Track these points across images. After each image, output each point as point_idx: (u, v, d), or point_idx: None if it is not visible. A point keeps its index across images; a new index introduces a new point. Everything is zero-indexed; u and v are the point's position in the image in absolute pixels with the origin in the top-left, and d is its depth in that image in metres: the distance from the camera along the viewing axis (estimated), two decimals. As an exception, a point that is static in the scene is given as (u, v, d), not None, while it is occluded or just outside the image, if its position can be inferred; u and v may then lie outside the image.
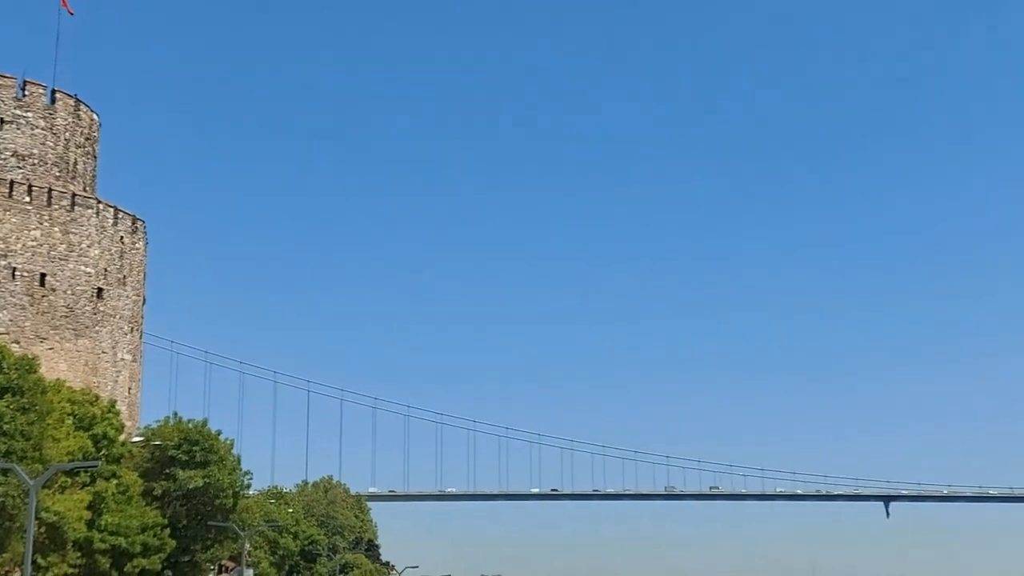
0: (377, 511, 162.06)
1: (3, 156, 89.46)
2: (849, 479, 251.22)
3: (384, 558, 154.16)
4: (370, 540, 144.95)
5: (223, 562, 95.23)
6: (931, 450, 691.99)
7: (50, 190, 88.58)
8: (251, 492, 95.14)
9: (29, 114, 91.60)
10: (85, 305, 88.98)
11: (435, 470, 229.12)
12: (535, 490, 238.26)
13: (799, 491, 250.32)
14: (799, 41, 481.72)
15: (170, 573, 75.34)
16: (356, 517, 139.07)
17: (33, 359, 62.35)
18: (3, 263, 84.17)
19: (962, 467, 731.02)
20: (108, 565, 66.60)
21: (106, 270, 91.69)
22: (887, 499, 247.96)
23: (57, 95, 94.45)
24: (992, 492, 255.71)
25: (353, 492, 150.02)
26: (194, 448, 76.04)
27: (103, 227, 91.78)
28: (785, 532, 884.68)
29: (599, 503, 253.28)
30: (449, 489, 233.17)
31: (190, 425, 78.37)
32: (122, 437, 73.21)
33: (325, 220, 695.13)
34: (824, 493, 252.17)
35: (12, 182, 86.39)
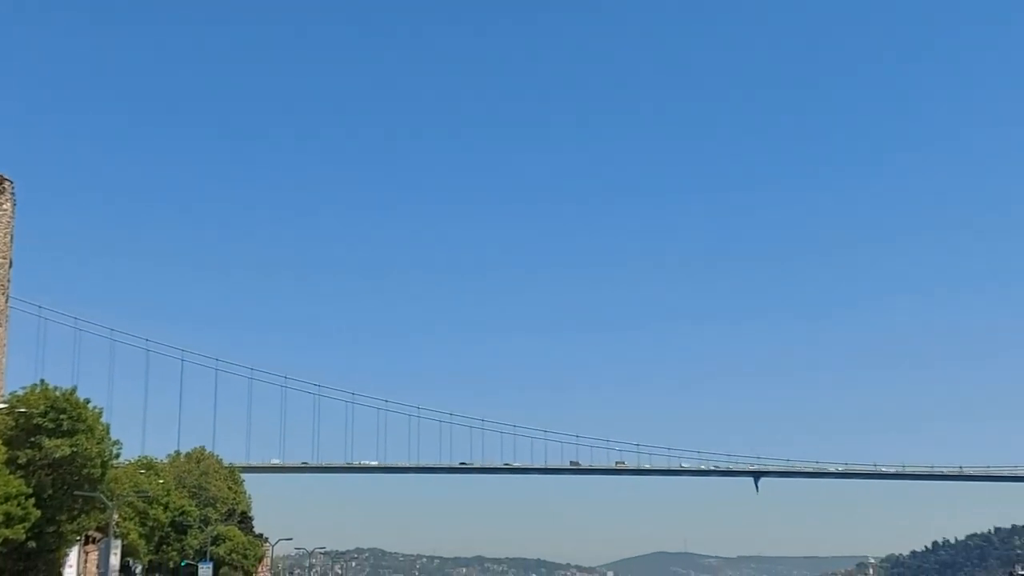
0: (252, 483, 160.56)
1: None
2: (722, 455, 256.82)
3: (258, 530, 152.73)
4: (243, 512, 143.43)
5: (90, 533, 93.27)
6: (799, 428, 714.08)
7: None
8: (120, 462, 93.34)
9: None
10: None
11: (312, 443, 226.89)
12: (426, 463, 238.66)
13: (673, 467, 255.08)
14: None
15: (34, 544, 73.46)
16: (229, 488, 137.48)
17: None
18: None
19: (829, 444, 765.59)
20: (-32, 534, 64.72)
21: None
22: (757, 475, 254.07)
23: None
24: (857, 469, 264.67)
25: (227, 463, 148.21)
26: (61, 416, 74.29)
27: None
28: (662, 505, 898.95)
29: (507, 476, 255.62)
30: (363, 461, 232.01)
31: (57, 393, 76.50)
32: (-16, 404, 71.02)
33: (199, 188, 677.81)
34: (697, 469, 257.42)
35: None
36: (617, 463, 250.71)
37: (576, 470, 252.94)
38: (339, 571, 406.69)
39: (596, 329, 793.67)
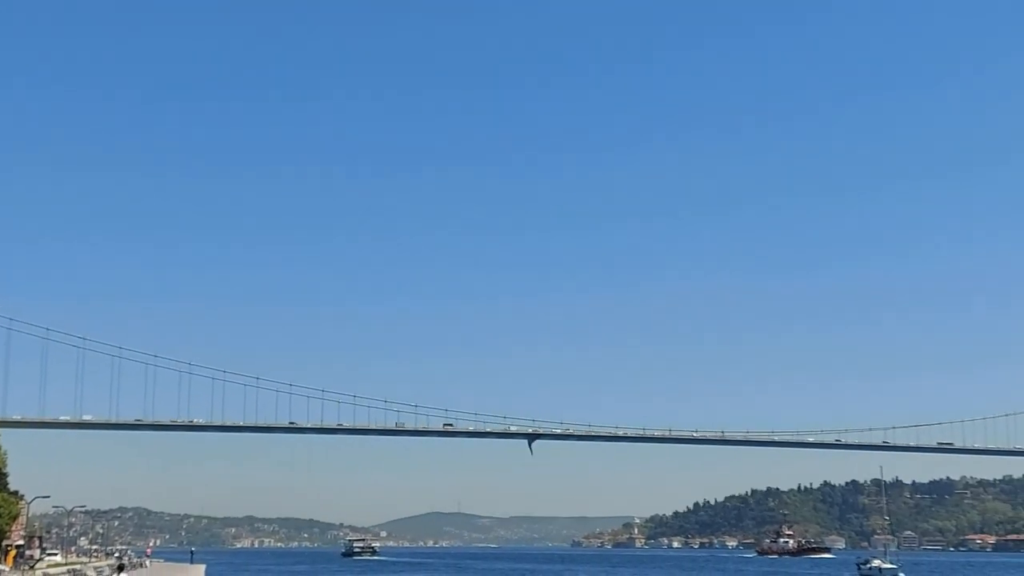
0: (8, 438, 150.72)
1: None
2: (498, 417, 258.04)
3: (13, 487, 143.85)
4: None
5: None
6: (573, 391, 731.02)
7: None
8: None
9: None
10: None
11: (75, 398, 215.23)
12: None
13: (450, 428, 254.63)
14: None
15: None
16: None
17: None
18: None
19: (600, 408, 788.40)
20: None
21: None
22: (531, 437, 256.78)
23: None
24: (626, 432, 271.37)
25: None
26: None
27: None
28: (437, 467, 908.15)
29: (282, 435, 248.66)
30: (129, 418, 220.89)
31: None
32: None
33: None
34: (473, 430, 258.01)
35: None
36: (397, 424, 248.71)
37: (351, 430, 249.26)
38: (100, 531, 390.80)
39: (375, 292, 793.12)
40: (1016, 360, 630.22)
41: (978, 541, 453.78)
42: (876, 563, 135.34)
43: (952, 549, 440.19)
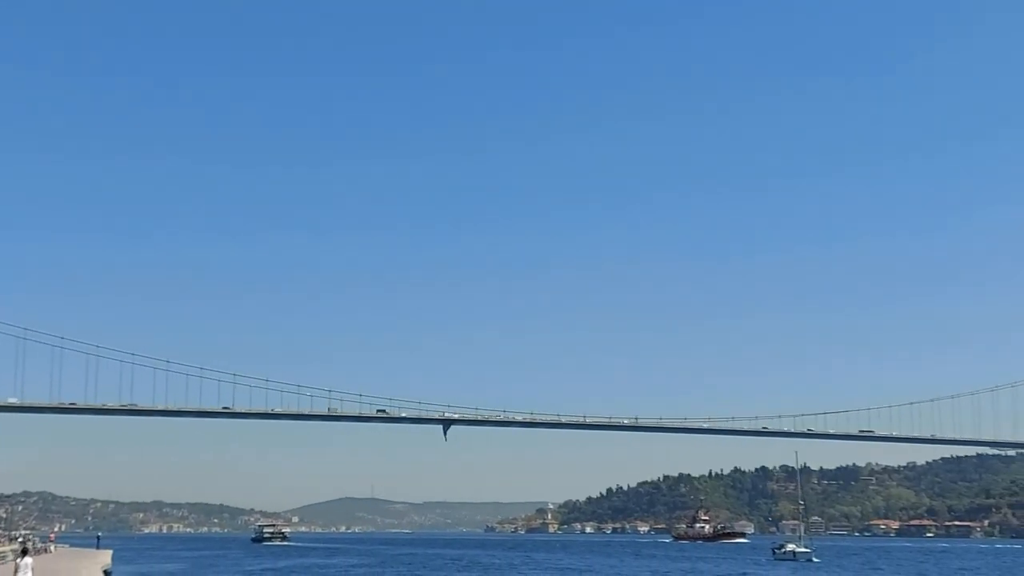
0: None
1: None
2: (412, 402, 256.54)
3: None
4: None
5: None
6: (488, 377, 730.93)
7: None
8: None
9: None
10: None
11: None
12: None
13: (364, 412, 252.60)
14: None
15: None
16: None
17: None
18: None
19: (515, 395, 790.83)
20: None
21: None
22: (446, 422, 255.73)
23: None
24: (541, 418, 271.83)
25: None
26: None
27: None
28: (350, 452, 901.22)
29: (192, 420, 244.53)
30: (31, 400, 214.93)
31: None
32: None
33: None
34: (387, 415, 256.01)
35: None
36: (332, 409, 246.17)
37: (263, 414, 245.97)
38: (3, 515, 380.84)
39: (286, 277, 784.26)
40: (929, 347, 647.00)
41: (882, 526, 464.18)
42: (791, 547, 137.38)
43: (857, 534, 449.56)
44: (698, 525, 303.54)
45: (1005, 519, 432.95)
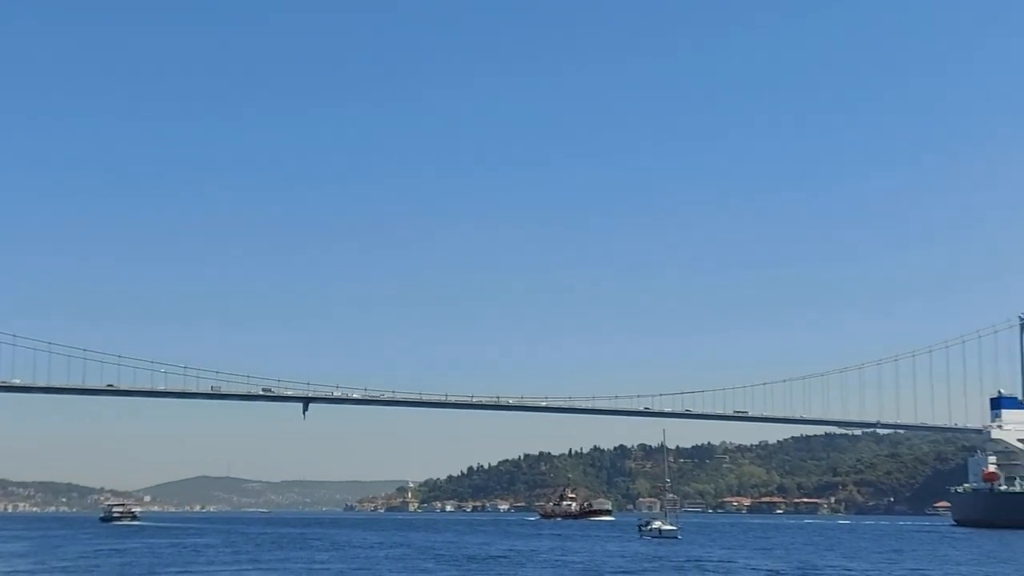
0: None
1: None
2: (271, 380, 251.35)
3: None
4: None
5: None
6: (349, 355, 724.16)
7: None
8: None
9: None
10: None
11: None
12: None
13: (224, 390, 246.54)
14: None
15: None
16: None
17: None
18: None
19: (376, 373, 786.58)
20: None
21: None
22: (305, 400, 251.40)
23: None
24: (403, 397, 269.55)
25: None
26: None
27: None
28: (206, 430, 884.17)
29: (40, 396, 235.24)
30: None
31: None
32: None
33: None
34: (245, 393, 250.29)
35: None
36: (207, 389, 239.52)
37: (115, 391, 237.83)
38: None
39: (144, 255, 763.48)
40: (781, 328, 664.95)
41: (735, 503, 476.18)
42: (657, 524, 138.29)
43: (711, 511, 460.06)
44: (565, 503, 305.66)
45: (851, 496, 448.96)
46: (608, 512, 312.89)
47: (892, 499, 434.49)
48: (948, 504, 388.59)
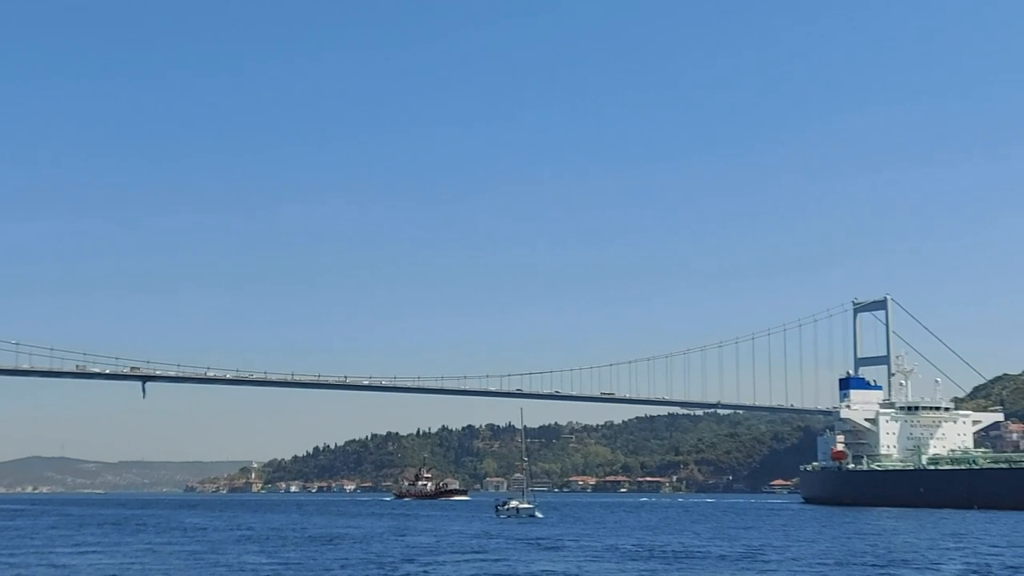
0: None
1: None
2: (108, 358, 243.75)
3: None
4: None
5: None
6: (190, 332, 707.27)
7: None
8: None
9: None
10: None
11: None
12: None
13: (55, 368, 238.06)
14: None
15: None
16: None
17: None
18: None
19: (219, 352, 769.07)
20: None
21: None
22: (144, 378, 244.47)
23: None
24: (246, 376, 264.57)
25: None
26: None
27: None
28: (38, 409, 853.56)
29: None
30: None
31: None
32: None
33: None
34: (81, 371, 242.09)
35: None
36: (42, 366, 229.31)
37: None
38: None
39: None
40: (628, 309, 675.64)
41: (580, 482, 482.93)
42: (514, 504, 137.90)
43: (557, 490, 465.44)
44: (420, 483, 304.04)
45: (692, 475, 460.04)
46: (464, 492, 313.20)
47: (731, 477, 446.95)
48: (786, 482, 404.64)
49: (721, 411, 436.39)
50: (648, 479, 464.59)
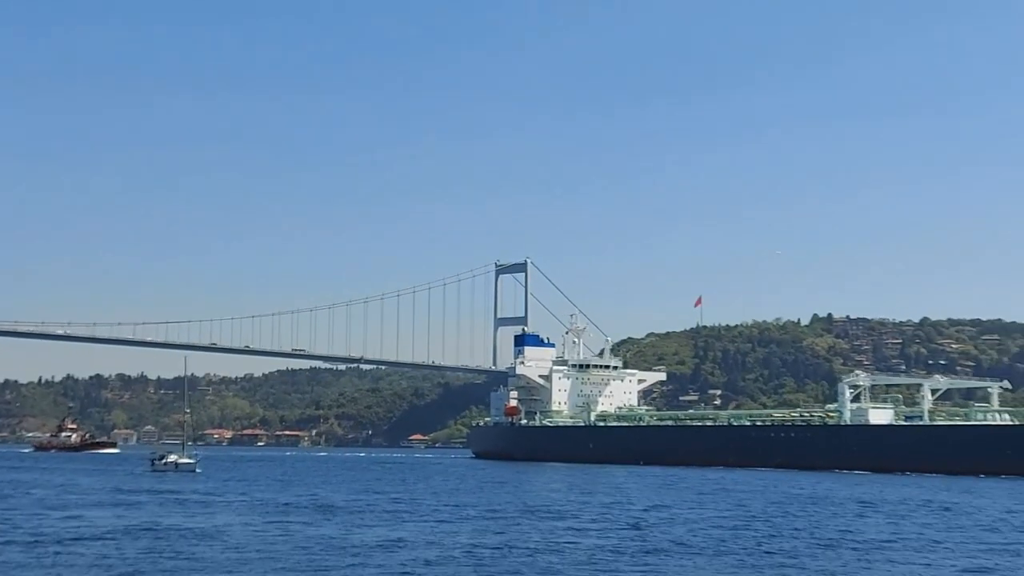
0: None
1: None
2: None
3: None
4: None
5: None
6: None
7: None
8: None
9: None
10: None
11: None
12: None
13: None
14: None
15: None
16: None
17: None
18: None
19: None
20: None
21: None
22: None
23: None
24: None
25: None
26: None
27: None
28: None
29: None
30: None
31: None
32: None
33: None
34: None
35: None
36: None
37: None
38: None
39: None
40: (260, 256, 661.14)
41: (215, 435, 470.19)
42: (173, 458, 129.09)
43: (190, 443, 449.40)
44: (64, 435, 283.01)
45: (331, 429, 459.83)
46: (114, 445, 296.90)
47: (371, 432, 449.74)
48: (423, 437, 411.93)
49: (364, 366, 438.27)
50: (287, 432, 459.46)
